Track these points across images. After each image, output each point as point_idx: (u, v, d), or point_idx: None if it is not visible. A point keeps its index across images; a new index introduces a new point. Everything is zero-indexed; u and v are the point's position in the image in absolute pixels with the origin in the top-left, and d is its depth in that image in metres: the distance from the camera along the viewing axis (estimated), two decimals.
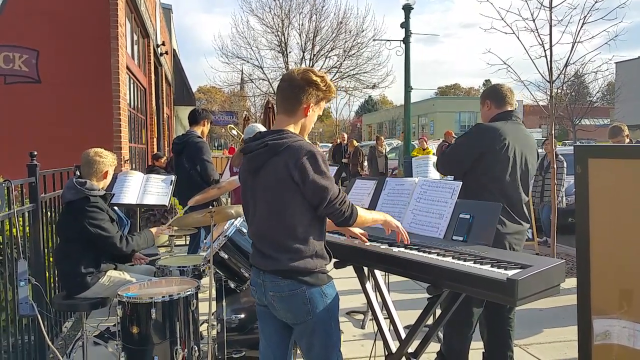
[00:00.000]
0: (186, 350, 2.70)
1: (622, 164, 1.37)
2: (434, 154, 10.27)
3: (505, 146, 2.72)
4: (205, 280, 3.61)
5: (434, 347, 3.44)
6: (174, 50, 17.12)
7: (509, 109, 2.91)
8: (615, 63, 24.24)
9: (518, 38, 5.75)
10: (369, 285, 2.51)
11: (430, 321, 2.90)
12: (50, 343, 2.92)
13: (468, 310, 2.77)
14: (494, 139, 2.73)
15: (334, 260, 2.13)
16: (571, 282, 4.82)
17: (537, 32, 5.63)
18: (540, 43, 5.66)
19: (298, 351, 2.21)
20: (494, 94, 2.96)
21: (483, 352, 3.05)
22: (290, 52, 20.00)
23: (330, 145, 12.97)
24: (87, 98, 6.14)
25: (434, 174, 4.10)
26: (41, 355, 3.14)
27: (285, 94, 1.94)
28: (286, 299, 1.89)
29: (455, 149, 2.96)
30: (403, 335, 2.32)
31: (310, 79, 1.91)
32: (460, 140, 3.01)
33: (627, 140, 5.50)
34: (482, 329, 2.98)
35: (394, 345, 2.36)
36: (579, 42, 5.53)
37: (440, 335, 3.63)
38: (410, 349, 2.29)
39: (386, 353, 2.38)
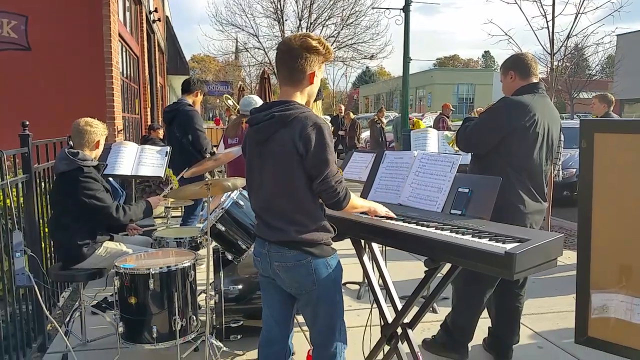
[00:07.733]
0: (184, 319, 2.73)
1: (628, 139, 1.35)
2: (429, 127, 10.22)
3: (535, 122, 2.55)
4: (202, 252, 3.61)
5: (429, 316, 3.50)
6: (167, 17, 16.68)
7: (535, 80, 2.72)
8: (617, 35, 23.83)
9: (520, 8, 5.66)
10: (365, 256, 2.52)
11: (426, 292, 2.93)
12: (47, 313, 2.94)
13: (480, 289, 2.73)
14: (523, 115, 2.54)
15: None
16: (565, 255, 4.88)
17: (540, 3, 5.52)
18: (543, 14, 5.56)
19: (296, 321, 2.22)
20: (518, 64, 2.75)
21: (489, 327, 3.03)
22: (286, 20, 19.53)
23: (329, 116, 12.83)
24: (78, 66, 5.99)
25: (433, 147, 4.06)
26: (39, 325, 3.16)
27: (287, 64, 1.89)
28: (292, 269, 1.91)
29: (482, 126, 2.68)
30: (399, 306, 2.34)
31: (311, 45, 1.86)
32: (486, 116, 2.74)
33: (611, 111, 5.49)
34: (490, 303, 2.92)
35: (390, 316, 2.38)
36: (582, 13, 5.44)
37: (436, 306, 3.69)
38: (406, 320, 2.32)
39: (382, 323, 2.41)
